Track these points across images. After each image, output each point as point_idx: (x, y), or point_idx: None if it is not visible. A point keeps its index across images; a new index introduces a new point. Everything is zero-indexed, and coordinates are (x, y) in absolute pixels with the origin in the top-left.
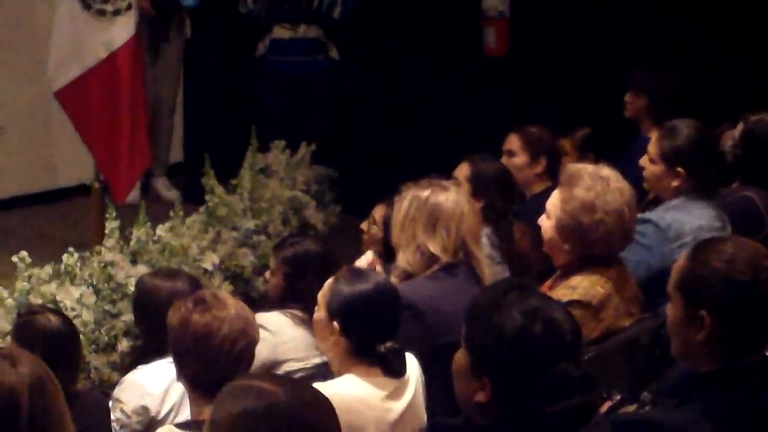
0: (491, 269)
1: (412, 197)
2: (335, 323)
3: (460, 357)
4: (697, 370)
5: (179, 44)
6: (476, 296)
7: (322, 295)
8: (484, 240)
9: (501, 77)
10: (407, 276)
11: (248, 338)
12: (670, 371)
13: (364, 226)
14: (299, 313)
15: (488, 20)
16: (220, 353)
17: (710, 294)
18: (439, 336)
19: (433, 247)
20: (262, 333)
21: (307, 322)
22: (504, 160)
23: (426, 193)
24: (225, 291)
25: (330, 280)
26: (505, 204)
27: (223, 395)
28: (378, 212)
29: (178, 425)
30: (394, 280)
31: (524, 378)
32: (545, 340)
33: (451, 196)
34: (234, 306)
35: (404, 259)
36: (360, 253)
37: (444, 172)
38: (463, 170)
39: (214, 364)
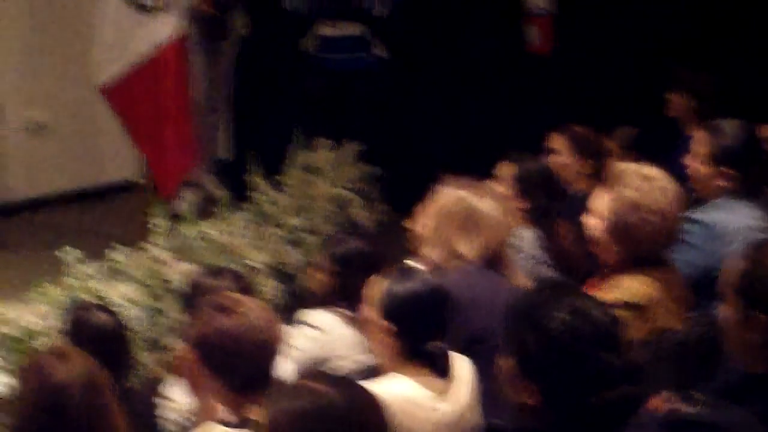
0: (535, 269)
1: (451, 196)
2: (385, 322)
3: (506, 362)
4: (752, 371)
5: (235, 42)
6: (516, 298)
7: (369, 294)
8: (530, 239)
9: (545, 75)
10: (436, 269)
11: (273, 330)
12: (722, 372)
13: (409, 223)
14: (347, 312)
15: (532, 18)
16: (254, 350)
17: None
18: (469, 327)
19: (462, 248)
20: (309, 331)
21: (355, 321)
22: (548, 159)
23: (462, 193)
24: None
25: (378, 278)
26: (550, 203)
27: (277, 395)
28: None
29: (225, 423)
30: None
31: (570, 374)
32: (588, 335)
33: (487, 201)
34: (251, 302)
35: (430, 252)
36: (406, 251)
37: (489, 170)
38: (507, 169)
39: (249, 363)
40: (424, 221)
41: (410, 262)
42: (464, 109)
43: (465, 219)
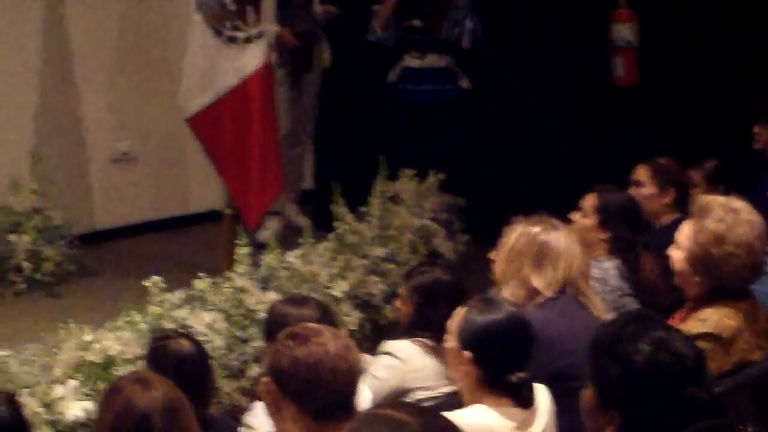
0: (618, 301)
1: (521, 232)
2: (466, 353)
3: (587, 393)
4: None
5: (319, 73)
6: (600, 330)
7: (453, 324)
8: (613, 272)
9: (629, 107)
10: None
11: (353, 360)
12: None
13: (492, 255)
14: (429, 342)
15: (617, 50)
16: (332, 379)
17: None
18: (551, 362)
19: (537, 283)
20: (391, 361)
21: (437, 351)
22: (632, 190)
23: (535, 229)
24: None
25: (461, 309)
26: (634, 235)
27: (358, 424)
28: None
29: None
30: None
31: (653, 407)
32: (672, 368)
33: (561, 235)
34: (330, 331)
35: (507, 291)
36: (489, 281)
37: (572, 201)
38: (590, 201)
39: (327, 391)
40: (498, 259)
41: (492, 293)
42: (548, 141)
43: (537, 254)
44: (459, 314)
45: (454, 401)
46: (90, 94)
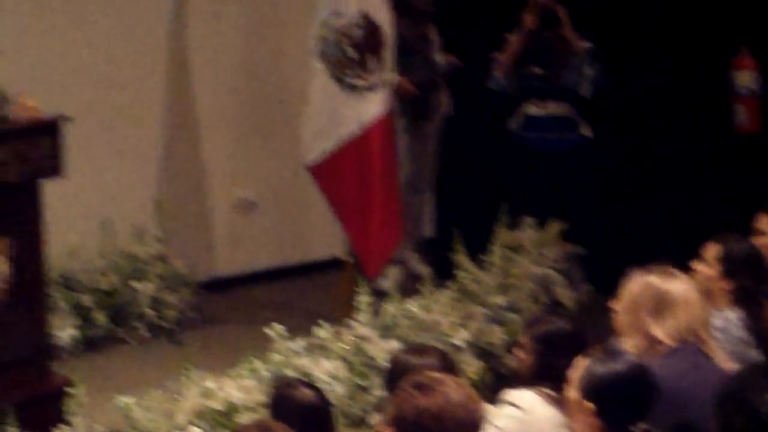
0: (742, 351)
1: (641, 281)
2: (588, 403)
3: None
4: None
5: (439, 122)
6: (727, 382)
7: (574, 375)
8: (736, 322)
9: (752, 155)
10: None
11: (474, 409)
12: None
13: (613, 304)
14: (550, 392)
15: (739, 97)
16: (454, 429)
17: None
18: (676, 413)
19: (658, 332)
20: (512, 410)
21: (558, 401)
22: (755, 240)
23: (655, 278)
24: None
25: (583, 359)
26: (757, 285)
27: None
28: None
29: None
30: None
31: None
32: None
33: (681, 284)
34: (452, 380)
35: (629, 340)
36: (610, 331)
37: (693, 250)
38: (713, 250)
39: None
40: (619, 309)
41: (613, 343)
42: (669, 189)
43: (657, 303)
44: (580, 364)
45: None
46: (212, 142)
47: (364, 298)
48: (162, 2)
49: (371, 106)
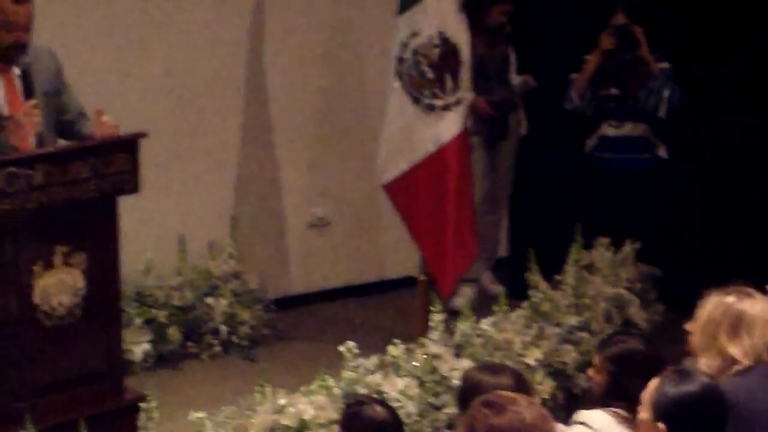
0: None
1: (716, 301)
2: (660, 424)
3: None
4: None
5: (514, 141)
6: None
7: (646, 395)
8: None
9: None
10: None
11: (547, 429)
12: None
13: (688, 325)
14: (623, 412)
15: None
16: None
17: None
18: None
19: (734, 351)
20: (584, 430)
21: (631, 422)
22: None
23: (730, 299)
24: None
25: (655, 380)
26: None
27: None
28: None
29: None
30: None
31: None
32: None
33: (757, 303)
34: (524, 400)
35: (704, 361)
36: (684, 352)
37: None
38: None
39: None
40: (694, 329)
41: (688, 364)
42: (745, 210)
43: (733, 323)
44: (653, 385)
45: None
46: (288, 160)
47: (437, 317)
48: (240, 21)
49: (448, 126)
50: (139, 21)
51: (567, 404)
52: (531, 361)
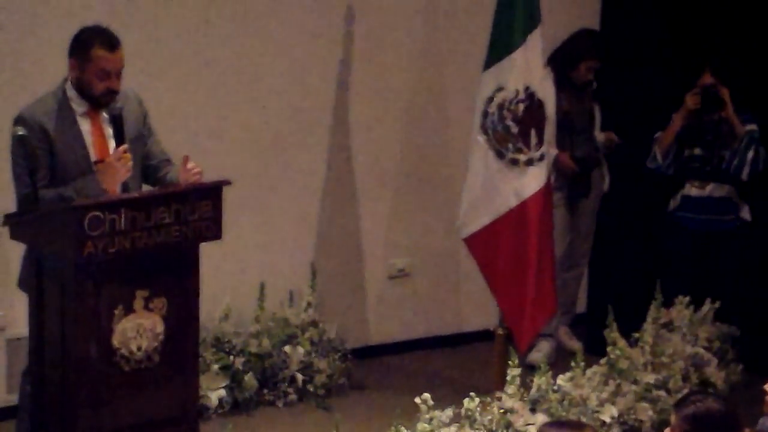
0: None
1: None
2: None
3: None
4: None
5: (597, 198)
6: None
7: None
8: None
9: None
10: None
11: None
12: None
13: (766, 387)
14: None
15: None
16: None
17: None
18: None
19: None
20: None
21: None
22: None
23: None
24: None
25: None
26: None
27: None
28: None
29: None
30: None
31: None
32: None
33: None
34: None
35: None
36: (762, 413)
37: None
38: None
39: None
40: None
41: (765, 424)
42: None
43: None
44: None
45: None
46: (369, 210)
47: (514, 371)
48: (327, 74)
49: (530, 180)
50: (228, 70)
51: None
52: (607, 419)
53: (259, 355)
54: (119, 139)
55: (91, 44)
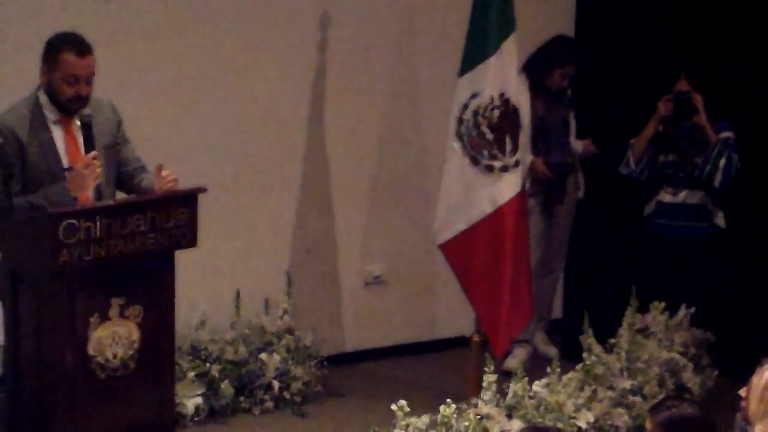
0: None
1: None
2: None
3: None
4: None
5: (572, 205)
6: None
7: None
8: None
9: None
10: None
11: None
12: None
13: (742, 392)
14: None
15: None
16: None
17: None
18: None
19: None
20: None
21: None
22: None
23: None
24: None
25: None
26: None
27: None
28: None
29: None
30: None
31: None
32: None
33: None
34: None
35: (759, 428)
36: (736, 418)
37: None
38: None
39: None
40: (749, 397)
41: (739, 429)
42: None
43: None
44: None
45: None
46: (345, 218)
47: (489, 377)
48: (302, 81)
49: (506, 187)
50: (201, 78)
51: None
52: (582, 424)
53: (235, 362)
54: (88, 146)
55: (60, 49)
